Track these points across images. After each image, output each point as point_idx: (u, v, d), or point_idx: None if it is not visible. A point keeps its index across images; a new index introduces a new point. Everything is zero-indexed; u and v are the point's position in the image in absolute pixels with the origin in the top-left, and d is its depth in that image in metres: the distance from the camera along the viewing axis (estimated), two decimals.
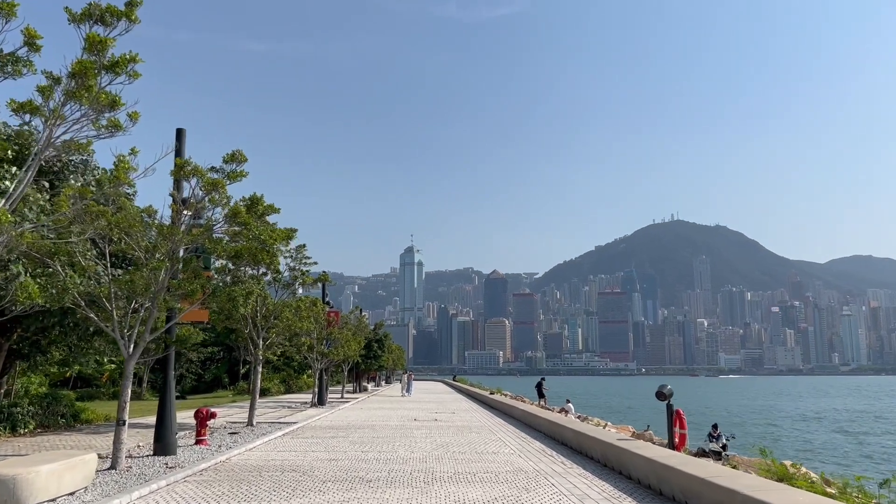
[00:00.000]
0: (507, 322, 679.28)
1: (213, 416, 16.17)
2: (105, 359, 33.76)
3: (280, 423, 21.77)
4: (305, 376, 55.43)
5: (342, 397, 42.74)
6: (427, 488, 10.15)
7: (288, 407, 31.83)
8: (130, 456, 13.30)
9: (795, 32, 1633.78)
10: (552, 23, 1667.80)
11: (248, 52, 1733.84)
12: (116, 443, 11.52)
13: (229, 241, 13.15)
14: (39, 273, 11.99)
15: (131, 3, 8.42)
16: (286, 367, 53.93)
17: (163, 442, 13.56)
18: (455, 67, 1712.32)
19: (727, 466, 11.27)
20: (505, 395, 43.10)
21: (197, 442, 15.51)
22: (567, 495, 9.69)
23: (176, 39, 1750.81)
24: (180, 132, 14.09)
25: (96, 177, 16.32)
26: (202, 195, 11.21)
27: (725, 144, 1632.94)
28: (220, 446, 15.21)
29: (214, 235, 12.25)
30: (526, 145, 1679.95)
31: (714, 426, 22.21)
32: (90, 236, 10.12)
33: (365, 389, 59.62)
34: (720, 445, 21.02)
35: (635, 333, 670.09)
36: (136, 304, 11.96)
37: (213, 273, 14.54)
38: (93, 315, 11.43)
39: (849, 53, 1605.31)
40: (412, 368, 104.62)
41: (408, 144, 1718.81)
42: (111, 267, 12.48)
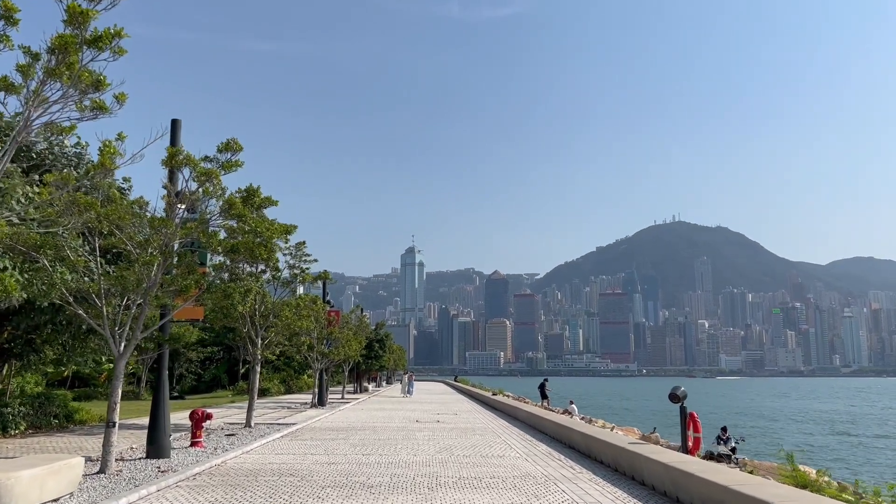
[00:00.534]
0: (508, 323, 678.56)
1: (209, 418, 15.69)
2: (103, 358, 33.27)
3: (279, 425, 21.27)
4: (306, 376, 54.89)
5: (343, 398, 42.25)
6: (431, 495, 9.64)
7: (287, 407, 31.33)
8: (122, 459, 12.79)
9: (795, 32, 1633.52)
10: (552, 23, 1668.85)
11: (250, 52, 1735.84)
12: (106, 445, 11.01)
13: (227, 238, 12.65)
14: (27, 268, 11.49)
15: None
16: (286, 367, 53.48)
17: (156, 444, 13.04)
18: (455, 67, 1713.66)
19: (745, 472, 10.76)
20: (507, 396, 42.60)
21: (192, 444, 15.02)
22: (579, 503, 9.19)
23: (177, 39, 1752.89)
24: (175, 123, 13.59)
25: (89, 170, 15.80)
26: (196, 186, 10.66)
27: (726, 145, 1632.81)
28: (216, 449, 14.71)
29: (210, 229, 11.72)
30: (526, 145, 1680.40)
31: (723, 429, 21.78)
32: (74, 226, 9.55)
33: (366, 390, 59.12)
34: (729, 448, 20.59)
35: (636, 334, 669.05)
36: (129, 301, 11.45)
37: (210, 269, 14.03)
38: (81, 312, 10.93)
39: (848, 54, 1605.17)
40: (413, 369, 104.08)
41: (409, 144, 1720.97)
42: (104, 263, 11.99)
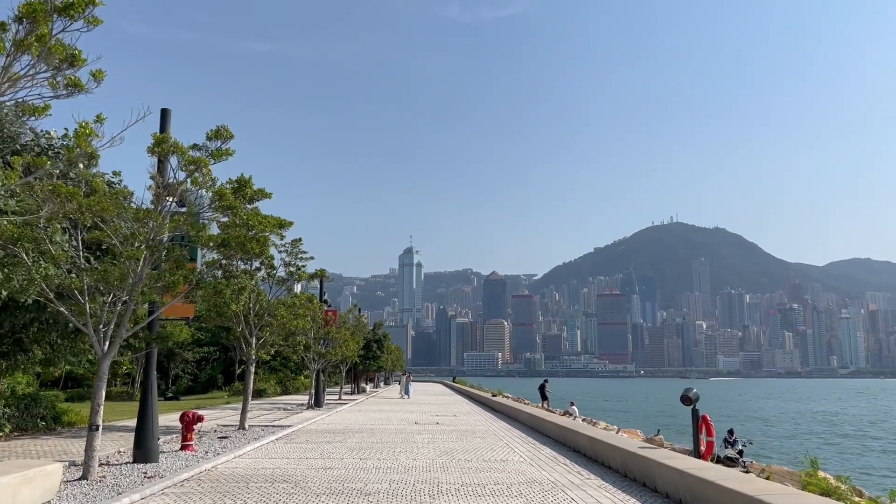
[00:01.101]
0: (506, 323, 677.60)
1: (201, 420, 15.12)
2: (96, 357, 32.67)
3: (274, 427, 20.68)
4: (303, 377, 54.24)
5: (340, 399, 41.65)
6: (433, 503, 9.08)
7: (283, 409, 30.74)
8: (108, 464, 12.20)
9: (795, 32, 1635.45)
10: (552, 23, 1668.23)
11: (249, 52, 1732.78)
12: (88, 450, 10.40)
13: (219, 233, 12.08)
14: (7, 262, 10.89)
15: None
16: (283, 368, 52.84)
17: (143, 448, 12.45)
18: (455, 68, 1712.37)
19: (763, 478, 10.22)
20: (507, 398, 42.06)
21: (182, 447, 14.43)
22: None
23: (176, 39, 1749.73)
24: (165, 112, 13.01)
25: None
26: (184, 176, 10.07)
27: (725, 146, 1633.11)
28: (207, 452, 14.13)
29: (200, 222, 11.13)
30: (525, 146, 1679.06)
31: (730, 431, 21.24)
32: (54, 216, 8.94)
33: (363, 391, 58.51)
34: (737, 451, 20.07)
35: (634, 335, 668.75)
36: (114, 298, 10.87)
37: (203, 266, 13.46)
38: (63, 309, 10.34)
39: (848, 55, 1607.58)
40: (411, 369, 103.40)
41: (408, 144, 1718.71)
42: (89, 257, 11.42)
